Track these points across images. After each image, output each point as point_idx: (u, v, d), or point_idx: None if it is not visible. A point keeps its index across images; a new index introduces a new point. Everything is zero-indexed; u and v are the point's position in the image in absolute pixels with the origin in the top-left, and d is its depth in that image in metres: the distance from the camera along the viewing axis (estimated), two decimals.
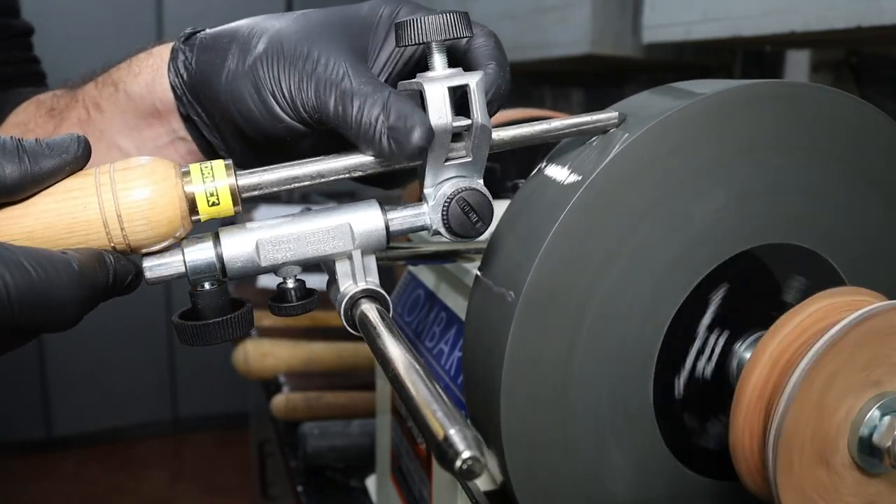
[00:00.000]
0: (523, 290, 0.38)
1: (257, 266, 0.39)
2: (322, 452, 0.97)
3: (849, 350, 0.35)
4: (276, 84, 0.41)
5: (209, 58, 0.45)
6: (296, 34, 0.42)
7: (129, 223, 0.36)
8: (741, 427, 0.38)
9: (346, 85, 0.39)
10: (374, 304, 0.38)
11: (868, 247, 0.45)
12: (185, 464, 3.05)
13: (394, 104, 0.38)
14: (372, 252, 0.40)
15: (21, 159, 0.35)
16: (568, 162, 0.41)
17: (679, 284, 0.41)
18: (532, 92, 2.07)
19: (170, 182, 0.37)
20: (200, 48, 0.46)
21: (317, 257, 0.39)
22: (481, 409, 0.43)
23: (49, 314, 0.34)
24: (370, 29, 0.43)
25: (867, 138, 0.43)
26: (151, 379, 3.07)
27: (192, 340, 0.39)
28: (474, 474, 0.27)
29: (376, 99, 0.38)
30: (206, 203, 0.38)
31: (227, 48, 0.44)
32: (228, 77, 0.43)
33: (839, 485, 0.36)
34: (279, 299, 0.41)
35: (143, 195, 0.36)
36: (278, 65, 0.41)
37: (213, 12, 2.84)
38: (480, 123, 0.38)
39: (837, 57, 1.07)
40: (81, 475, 2.80)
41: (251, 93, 0.42)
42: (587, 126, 0.41)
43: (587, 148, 0.41)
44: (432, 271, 0.64)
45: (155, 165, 0.37)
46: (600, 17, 1.23)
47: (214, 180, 0.38)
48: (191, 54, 0.47)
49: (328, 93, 0.40)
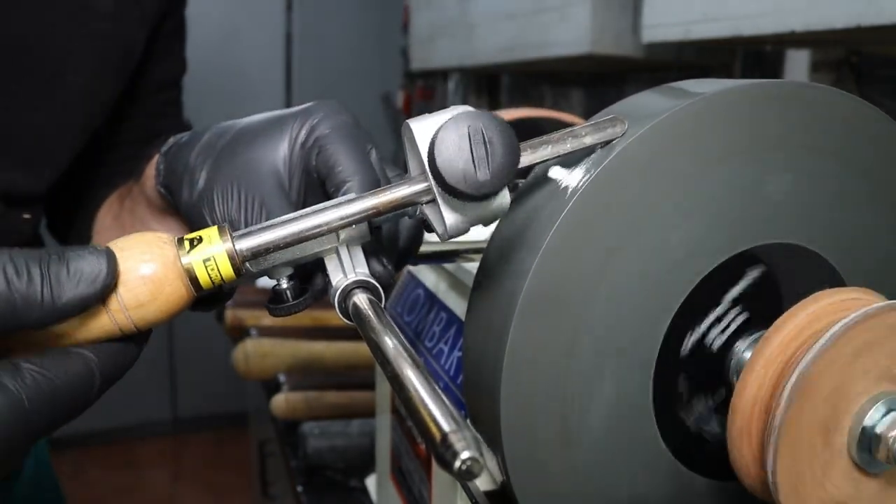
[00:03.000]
0: (523, 289, 0.38)
1: (249, 271, 0.39)
2: (322, 452, 0.97)
3: (848, 350, 0.35)
4: (226, 210, 0.46)
5: (172, 181, 0.50)
6: (229, 168, 0.46)
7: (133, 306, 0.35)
8: (740, 427, 0.38)
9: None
10: (366, 294, 0.39)
11: (868, 247, 0.45)
12: (186, 464, 3.05)
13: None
14: (357, 243, 0.41)
15: (42, 291, 0.32)
16: (569, 161, 0.41)
17: (678, 285, 0.41)
18: (532, 92, 2.07)
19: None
20: (167, 170, 0.52)
21: (304, 257, 0.40)
22: (481, 408, 0.43)
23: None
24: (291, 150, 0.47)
25: (867, 138, 0.43)
26: (151, 379, 3.07)
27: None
28: (473, 475, 0.27)
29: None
30: (205, 273, 0.36)
31: (181, 178, 0.49)
32: (186, 204, 0.48)
33: (839, 484, 0.36)
34: (275, 300, 0.41)
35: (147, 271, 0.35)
36: (221, 196, 0.46)
37: (213, 12, 2.85)
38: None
39: (837, 56, 1.07)
40: (81, 475, 2.80)
41: (207, 219, 0.46)
42: (596, 143, 0.40)
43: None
44: (432, 271, 0.64)
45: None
46: (600, 16, 1.23)
47: (211, 246, 0.37)
48: (164, 168, 0.52)
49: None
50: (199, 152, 0.49)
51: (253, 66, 3.08)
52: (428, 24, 2.02)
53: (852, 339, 0.35)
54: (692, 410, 0.43)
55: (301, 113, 0.47)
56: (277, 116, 0.48)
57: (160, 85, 0.77)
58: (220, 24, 2.93)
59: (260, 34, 3.08)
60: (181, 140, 0.52)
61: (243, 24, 3.04)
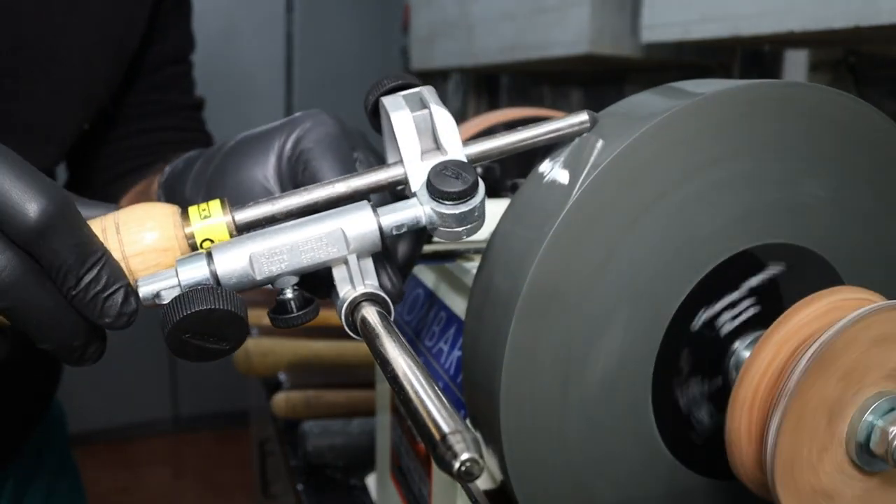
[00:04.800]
0: (524, 289, 0.39)
1: (253, 280, 0.38)
2: (322, 451, 0.97)
3: (847, 350, 0.35)
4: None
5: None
6: (220, 194, 0.46)
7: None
8: (738, 427, 0.38)
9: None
10: (374, 307, 0.38)
11: (867, 247, 0.45)
12: (186, 462, 3.05)
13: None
14: (367, 255, 0.40)
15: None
16: (569, 160, 0.41)
17: (677, 285, 0.41)
18: (532, 92, 2.07)
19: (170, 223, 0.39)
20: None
21: (312, 266, 0.39)
22: (481, 408, 0.43)
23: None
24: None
25: (865, 138, 0.43)
26: (152, 377, 3.07)
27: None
28: (473, 476, 0.27)
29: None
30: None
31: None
32: None
33: (838, 483, 0.37)
34: (279, 311, 0.40)
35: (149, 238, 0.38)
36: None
37: (213, 12, 2.84)
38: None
39: (836, 56, 1.07)
40: (82, 474, 2.80)
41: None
42: (559, 133, 0.41)
43: (588, 146, 0.41)
44: (432, 271, 0.64)
45: (154, 209, 0.39)
46: (599, 17, 1.23)
47: (210, 217, 0.39)
48: (165, 199, 0.53)
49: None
50: (193, 183, 0.49)
51: (253, 66, 3.08)
52: (428, 25, 2.02)
53: (873, 326, 0.35)
54: (706, 432, 0.43)
55: (286, 126, 0.47)
56: (263, 133, 0.48)
57: (166, 60, 0.77)
58: (220, 24, 2.93)
59: (260, 34, 3.08)
60: (177, 168, 0.53)
61: (243, 24, 3.04)
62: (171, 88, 0.79)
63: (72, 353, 0.36)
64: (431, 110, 0.41)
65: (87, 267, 0.35)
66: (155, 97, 0.77)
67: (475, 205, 0.39)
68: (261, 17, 3.08)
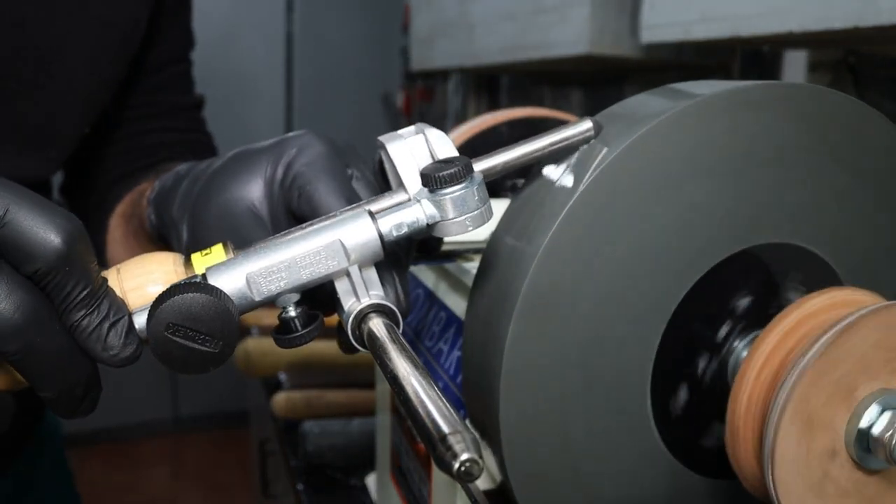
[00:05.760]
0: (523, 289, 0.39)
1: (252, 301, 0.36)
2: (322, 451, 0.98)
3: (846, 350, 0.35)
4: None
5: (164, 233, 0.52)
6: (206, 216, 0.46)
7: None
8: (737, 427, 0.38)
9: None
10: (381, 318, 0.36)
11: (866, 247, 0.45)
12: (186, 462, 3.06)
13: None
14: (369, 264, 0.38)
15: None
16: (569, 161, 0.41)
17: (676, 285, 0.41)
18: (532, 92, 2.08)
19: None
20: (158, 221, 0.53)
21: (312, 281, 0.37)
22: (480, 408, 0.43)
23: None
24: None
25: (865, 138, 0.43)
26: (152, 377, 3.07)
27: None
28: (472, 477, 0.27)
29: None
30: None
31: (169, 231, 0.50)
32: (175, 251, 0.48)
33: (838, 483, 0.37)
34: (282, 331, 0.38)
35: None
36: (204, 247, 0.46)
37: (213, 12, 2.84)
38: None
39: (835, 57, 1.07)
40: (82, 474, 2.79)
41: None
42: (563, 143, 0.41)
43: (589, 147, 0.41)
44: (432, 271, 0.64)
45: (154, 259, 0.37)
46: (599, 17, 1.23)
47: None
48: (155, 219, 0.53)
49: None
50: (180, 205, 0.49)
51: (253, 66, 3.08)
52: (428, 25, 2.02)
53: (872, 326, 0.35)
54: (704, 434, 0.43)
55: (274, 148, 0.46)
56: (250, 153, 0.47)
57: (167, 59, 0.77)
58: (220, 24, 2.93)
59: (260, 34, 3.09)
60: (166, 185, 0.52)
61: (243, 24, 3.04)
62: (171, 88, 0.78)
63: (71, 402, 0.36)
64: (426, 133, 0.40)
65: (95, 299, 0.34)
66: (156, 98, 0.77)
67: (473, 188, 0.37)
68: (261, 17, 3.08)
